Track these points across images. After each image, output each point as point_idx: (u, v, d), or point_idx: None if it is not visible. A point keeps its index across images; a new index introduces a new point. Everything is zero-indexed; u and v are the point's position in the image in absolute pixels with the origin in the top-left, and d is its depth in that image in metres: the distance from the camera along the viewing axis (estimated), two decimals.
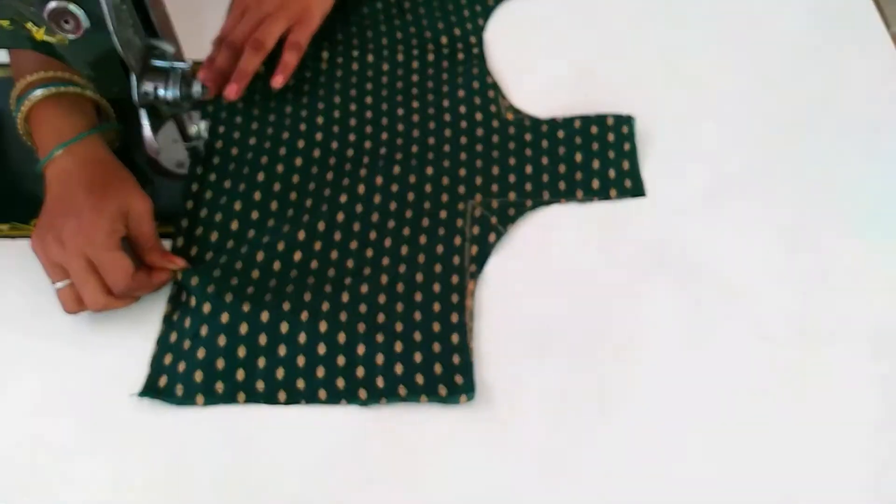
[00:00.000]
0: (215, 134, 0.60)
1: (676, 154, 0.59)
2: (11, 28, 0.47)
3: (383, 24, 0.66)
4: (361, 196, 0.56)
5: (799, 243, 0.55)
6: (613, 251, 0.54)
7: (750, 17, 0.68)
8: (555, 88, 0.63)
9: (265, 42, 0.58)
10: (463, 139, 0.59)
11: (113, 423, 0.48)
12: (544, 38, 0.66)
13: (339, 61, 0.63)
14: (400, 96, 0.61)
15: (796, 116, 0.62)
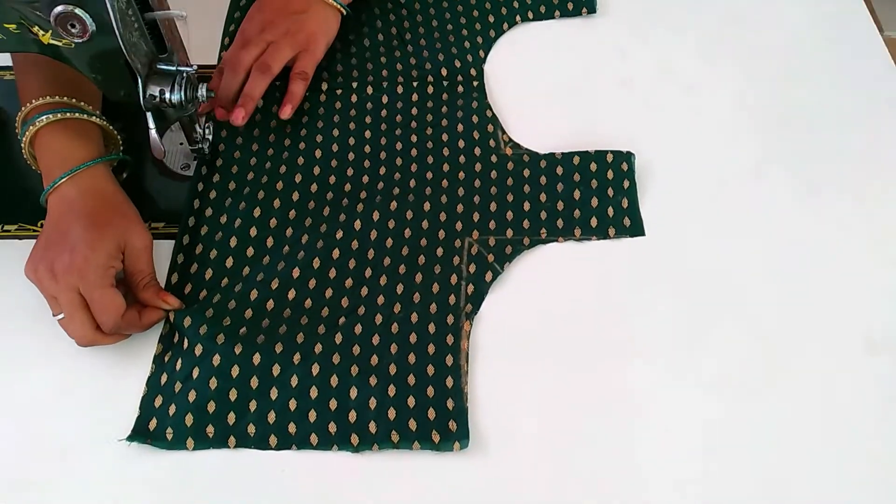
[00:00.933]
0: (219, 136, 0.60)
1: (675, 186, 0.59)
2: (18, 31, 0.47)
3: (383, 55, 0.65)
4: (358, 232, 0.55)
5: (795, 244, 0.56)
6: (611, 291, 0.54)
7: (744, 21, 0.69)
8: (555, 121, 0.62)
9: (272, 66, 0.58)
10: (461, 174, 0.58)
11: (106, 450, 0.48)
12: (545, 70, 0.66)
13: (338, 93, 0.63)
14: (399, 129, 0.61)
15: (790, 120, 0.62)
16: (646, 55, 0.66)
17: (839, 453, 0.48)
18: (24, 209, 0.56)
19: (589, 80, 0.65)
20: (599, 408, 0.49)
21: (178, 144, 0.60)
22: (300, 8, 0.61)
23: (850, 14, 0.69)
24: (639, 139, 0.60)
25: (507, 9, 0.69)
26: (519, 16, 0.69)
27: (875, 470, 0.47)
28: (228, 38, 0.66)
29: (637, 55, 0.66)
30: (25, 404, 0.49)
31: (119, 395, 0.49)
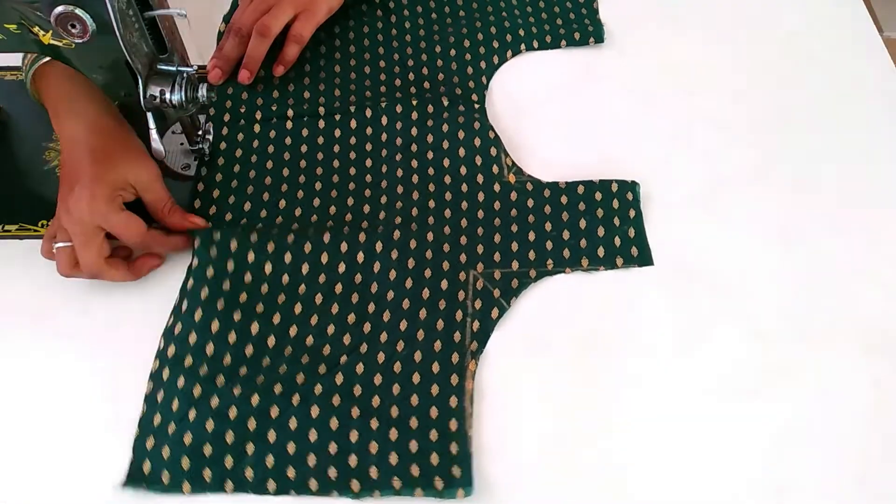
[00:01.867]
0: (219, 135, 0.60)
1: (681, 210, 0.57)
2: (18, 32, 0.48)
3: (383, 78, 0.64)
4: (360, 265, 0.53)
5: (793, 245, 0.55)
6: (623, 323, 0.52)
7: (742, 20, 0.69)
8: (558, 148, 0.61)
9: (271, 27, 0.60)
10: (464, 204, 0.57)
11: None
12: (548, 98, 0.64)
13: (336, 118, 0.61)
14: (399, 154, 0.59)
15: (789, 121, 0.62)
16: (651, 85, 0.64)
17: (833, 449, 0.48)
18: (25, 209, 0.56)
19: (593, 109, 0.63)
20: (613, 455, 0.47)
21: (178, 144, 0.60)
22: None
23: (850, 15, 0.69)
24: (643, 167, 0.59)
25: (512, 36, 0.67)
26: (524, 44, 0.67)
27: (867, 466, 0.47)
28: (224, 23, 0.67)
29: (643, 85, 0.64)
30: (25, 405, 0.49)
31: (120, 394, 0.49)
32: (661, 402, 0.49)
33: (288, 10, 0.61)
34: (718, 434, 0.48)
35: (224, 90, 0.61)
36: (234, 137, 0.60)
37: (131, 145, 0.53)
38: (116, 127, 0.53)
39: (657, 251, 0.55)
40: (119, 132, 0.53)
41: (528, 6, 0.69)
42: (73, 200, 0.49)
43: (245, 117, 0.61)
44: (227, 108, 0.61)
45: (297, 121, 0.61)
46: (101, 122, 0.52)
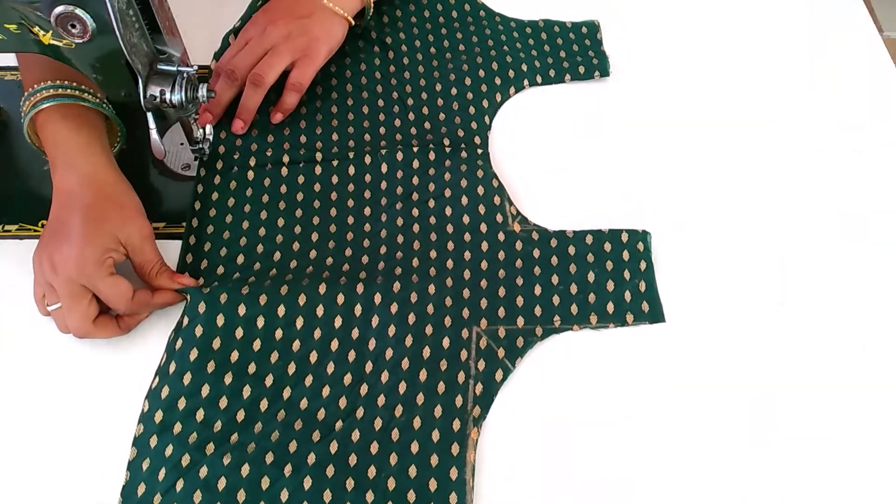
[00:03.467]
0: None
1: (692, 262, 0.55)
2: (18, 32, 0.47)
3: (383, 121, 0.62)
4: (358, 318, 0.51)
5: (797, 259, 0.55)
6: (634, 387, 0.49)
7: (742, 19, 0.69)
8: (565, 192, 0.59)
9: (266, 77, 0.58)
10: (467, 254, 0.54)
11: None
12: (554, 137, 0.62)
13: (334, 164, 0.59)
14: (399, 203, 0.57)
15: (790, 121, 0.62)
16: (660, 119, 0.63)
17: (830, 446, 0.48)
18: (25, 209, 0.56)
19: (601, 149, 0.61)
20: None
21: (178, 145, 0.60)
22: (305, 12, 0.60)
23: (850, 15, 0.69)
24: (654, 214, 0.57)
25: (514, 72, 0.65)
26: (527, 80, 0.64)
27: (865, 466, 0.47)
28: (234, 34, 0.65)
29: (651, 119, 0.63)
30: (23, 405, 0.49)
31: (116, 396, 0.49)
32: (676, 471, 0.47)
33: (285, 58, 0.59)
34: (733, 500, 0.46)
35: (216, 135, 0.60)
36: (226, 185, 0.57)
37: (126, 202, 0.52)
38: (112, 182, 0.52)
39: (669, 307, 0.53)
40: (114, 188, 0.52)
41: (529, 38, 0.67)
42: (61, 260, 0.48)
43: (238, 163, 0.59)
44: (220, 155, 0.59)
45: (293, 167, 0.58)
46: (96, 175, 0.51)
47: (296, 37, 0.59)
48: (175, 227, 0.56)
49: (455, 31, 0.67)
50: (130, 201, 0.52)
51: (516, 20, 0.69)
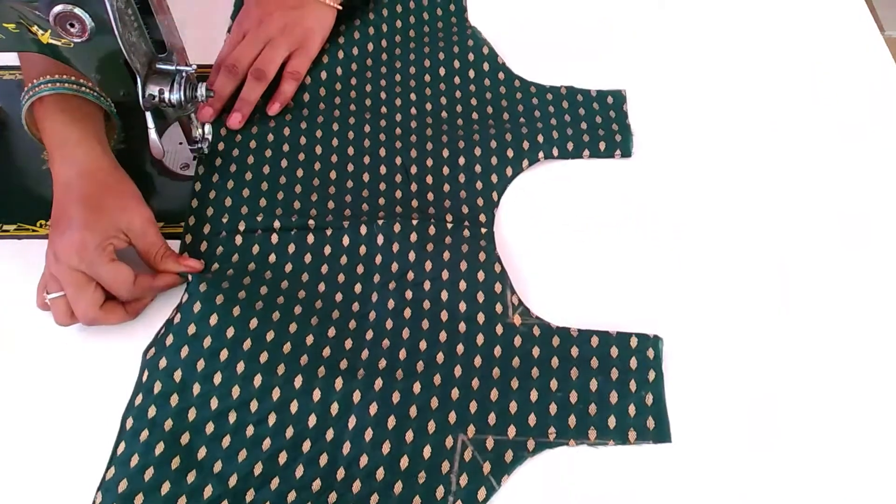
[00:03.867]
0: (219, 136, 0.60)
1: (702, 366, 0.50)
2: (17, 31, 0.47)
3: (383, 191, 0.57)
4: (334, 418, 0.47)
5: (802, 269, 0.54)
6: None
7: (742, 21, 0.69)
8: (575, 282, 0.54)
9: (266, 71, 0.59)
10: (460, 347, 0.50)
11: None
12: (566, 218, 0.57)
13: (327, 233, 0.55)
14: (393, 283, 0.52)
15: (791, 121, 0.62)
16: (684, 208, 0.58)
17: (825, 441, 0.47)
18: (23, 209, 0.56)
19: (616, 238, 0.56)
20: None
21: (177, 144, 0.60)
22: (296, 3, 0.62)
23: (851, 14, 0.69)
24: (667, 316, 0.52)
25: (529, 143, 0.59)
26: (542, 152, 0.59)
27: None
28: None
29: (671, 209, 0.58)
30: (23, 405, 0.49)
31: None
32: None
33: (282, 50, 0.60)
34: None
35: (206, 194, 0.57)
36: (212, 252, 0.54)
37: (125, 190, 0.52)
38: (110, 172, 0.52)
39: (677, 425, 0.48)
40: (112, 177, 0.52)
41: (549, 106, 0.61)
42: (63, 247, 0.48)
43: (227, 228, 0.55)
44: (208, 218, 0.56)
45: (284, 234, 0.55)
46: (94, 166, 0.51)
47: (291, 28, 0.61)
48: (174, 227, 0.56)
49: (469, 96, 0.62)
50: (129, 189, 0.52)
51: (537, 85, 0.63)
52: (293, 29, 0.61)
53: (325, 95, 0.62)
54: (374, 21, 0.66)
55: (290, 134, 0.60)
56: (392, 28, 0.66)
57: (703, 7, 0.70)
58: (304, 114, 0.61)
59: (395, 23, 0.66)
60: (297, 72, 0.61)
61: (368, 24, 0.66)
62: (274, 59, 0.59)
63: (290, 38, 0.60)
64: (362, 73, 0.63)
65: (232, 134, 0.59)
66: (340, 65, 0.63)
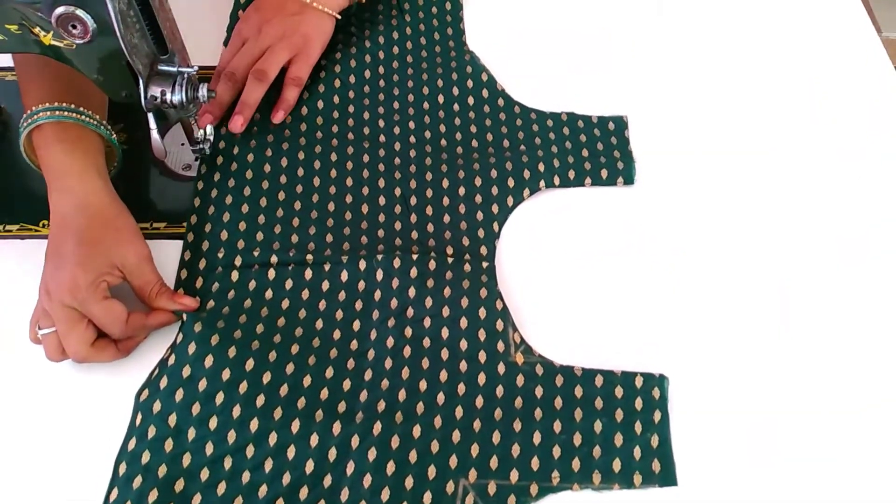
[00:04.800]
0: (219, 135, 0.60)
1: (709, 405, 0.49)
2: (19, 32, 0.47)
3: (382, 223, 0.56)
4: (332, 464, 0.46)
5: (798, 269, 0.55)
6: None
7: (739, 20, 0.69)
8: (579, 317, 0.52)
9: (267, 72, 0.59)
10: (461, 387, 0.49)
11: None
12: (569, 248, 0.56)
13: (325, 268, 0.53)
14: (392, 319, 0.51)
15: (789, 122, 0.62)
16: (685, 229, 0.57)
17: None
18: (26, 209, 0.56)
19: (622, 270, 0.54)
20: None
21: (179, 145, 0.60)
22: (295, 10, 0.62)
23: (848, 15, 0.69)
24: (673, 354, 0.51)
25: (530, 172, 0.58)
26: (543, 181, 0.58)
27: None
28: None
29: (674, 237, 0.56)
30: (23, 405, 0.49)
31: None
32: None
33: (283, 54, 0.60)
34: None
35: (201, 228, 0.55)
36: (208, 288, 0.53)
37: (121, 225, 0.51)
38: (107, 206, 0.51)
39: (682, 466, 0.47)
40: (109, 211, 0.51)
41: (550, 132, 0.61)
42: (55, 285, 0.47)
43: (223, 263, 0.54)
44: (204, 252, 0.54)
45: (281, 269, 0.53)
46: (91, 199, 0.50)
47: (290, 35, 0.61)
48: (176, 228, 0.56)
49: (468, 123, 0.61)
50: (126, 224, 0.51)
51: (537, 111, 0.62)
52: (292, 35, 0.60)
53: (323, 125, 0.61)
54: (370, 48, 0.65)
55: (288, 165, 0.58)
56: (389, 54, 0.65)
57: (701, 19, 0.69)
58: (301, 143, 0.60)
59: (391, 49, 0.65)
60: (298, 77, 0.60)
61: (364, 51, 0.65)
62: (273, 62, 0.59)
63: (290, 45, 0.60)
64: (360, 101, 0.62)
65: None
66: (337, 93, 0.63)
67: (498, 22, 0.69)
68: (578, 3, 0.70)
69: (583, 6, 0.70)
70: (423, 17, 0.68)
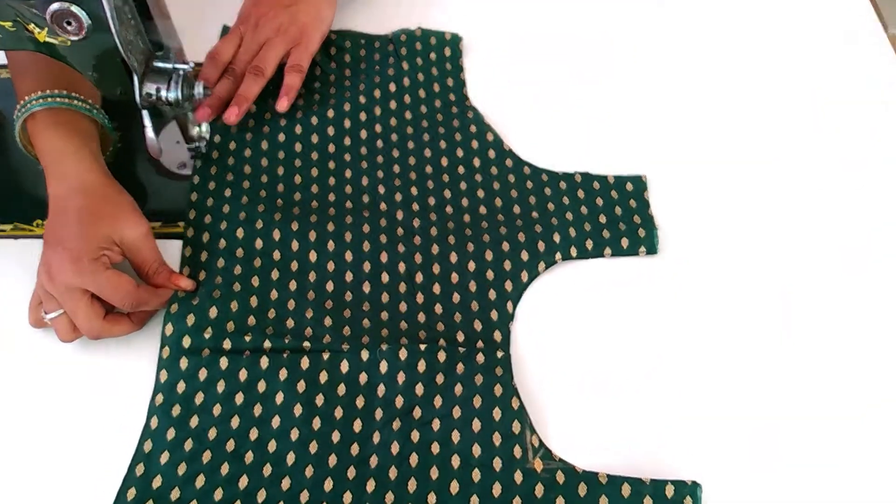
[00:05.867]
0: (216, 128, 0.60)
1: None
2: (14, 29, 0.47)
3: (385, 307, 0.51)
4: None
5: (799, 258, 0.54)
6: None
7: (746, 16, 0.68)
8: (598, 417, 0.48)
9: (265, 69, 0.59)
10: (474, 501, 0.44)
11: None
12: (587, 330, 0.51)
13: (324, 356, 0.49)
14: (397, 421, 0.46)
15: (795, 119, 0.62)
16: (715, 304, 0.53)
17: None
18: (20, 208, 0.56)
19: (649, 356, 0.50)
20: None
21: (174, 143, 0.60)
22: (290, 1, 0.62)
23: (855, 12, 0.69)
24: (701, 458, 0.47)
25: (545, 244, 0.54)
26: (559, 253, 0.53)
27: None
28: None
29: (704, 305, 0.53)
30: (23, 405, 0.49)
31: None
32: None
33: (280, 48, 0.60)
34: None
35: (184, 315, 0.50)
36: (192, 373, 0.48)
37: (119, 202, 0.51)
38: (103, 186, 0.51)
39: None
40: (106, 190, 0.51)
41: (564, 196, 0.56)
42: (57, 264, 0.47)
43: (211, 346, 0.49)
44: (189, 329, 0.50)
45: (275, 357, 0.49)
46: (88, 180, 0.50)
47: (287, 27, 0.61)
48: (172, 227, 0.56)
49: (475, 187, 0.56)
50: (124, 200, 0.51)
51: (549, 172, 0.57)
52: (288, 28, 0.61)
53: (318, 192, 0.56)
54: (365, 105, 0.61)
55: (281, 239, 0.53)
56: (386, 109, 0.60)
57: (702, 28, 0.68)
58: (295, 213, 0.54)
59: (389, 103, 0.60)
60: (298, 64, 0.60)
61: (360, 108, 0.60)
62: (271, 57, 0.60)
63: (286, 38, 0.60)
64: (357, 164, 0.57)
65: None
66: (333, 158, 0.58)
67: (498, 69, 0.64)
68: (578, 44, 0.66)
69: (582, 43, 0.66)
70: (422, 64, 0.63)
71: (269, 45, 0.60)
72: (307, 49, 0.61)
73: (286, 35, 0.60)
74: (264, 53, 0.60)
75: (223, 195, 0.56)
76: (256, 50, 0.60)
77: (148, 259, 0.50)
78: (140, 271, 0.51)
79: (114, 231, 0.49)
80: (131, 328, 0.50)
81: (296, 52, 0.61)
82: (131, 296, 0.48)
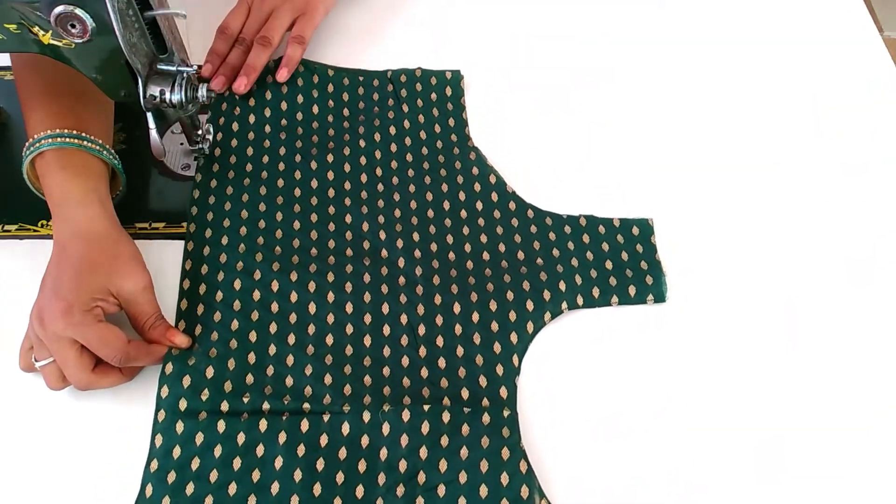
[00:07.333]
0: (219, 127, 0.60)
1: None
2: (18, 32, 0.47)
3: (387, 362, 0.50)
4: None
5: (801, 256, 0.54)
6: None
7: (741, 19, 0.69)
8: (611, 480, 0.47)
9: (272, 38, 0.61)
10: None
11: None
12: (595, 385, 0.50)
13: (325, 418, 0.47)
14: (401, 487, 0.45)
15: (791, 121, 0.62)
16: (729, 353, 0.51)
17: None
18: (25, 209, 0.56)
19: (661, 415, 0.48)
20: None
21: (178, 145, 0.60)
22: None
23: (850, 15, 0.69)
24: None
25: (551, 293, 0.52)
26: (566, 302, 0.52)
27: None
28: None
29: (719, 354, 0.51)
30: (23, 405, 0.49)
31: None
32: None
33: (286, 18, 0.62)
34: None
35: (180, 376, 0.48)
36: (187, 439, 0.46)
37: (120, 253, 0.49)
38: (107, 233, 0.50)
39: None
40: (109, 238, 0.50)
41: (569, 242, 0.55)
42: (48, 311, 0.46)
43: (207, 409, 0.47)
44: (185, 391, 0.48)
45: (274, 419, 0.47)
46: (90, 228, 0.49)
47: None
48: (175, 227, 0.56)
49: (478, 232, 0.55)
50: (125, 251, 0.50)
51: (553, 215, 0.56)
52: None
53: (318, 240, 0.54)
54: (365, 149, 0.59)
55: (279, 290, 0.52)
56: (386, 154, 0.59)
57: (703, 34, 0.68)
58: (294, 262, 0.53)
59: (389, 147, 0.59)
60: (300, 36, 0.62)
61: (360, 152, 0.59)
62: (277, 27, 0.62)
63: (292, 7, 0.63)
64: (357, 210, 0.56)
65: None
66: (332, 203, 0.56)
67: (500, 104, 0.63)
68: (580, 77, 0.65)
69: (583, 77, 0.65)
70: (423, 105, 0.61)
71: (276, 15, 0.62)
72: (311, 20, 0.63)
73: (293, 4, 0.63)
74: (271, 23, 0.62)
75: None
76: (264, 19, 0.62)
77: (146, 312, 0.49)
78: (136, 324, 0.49)
79: (111, 282, 0.48)
80: (121, 380, 0.48)
81: (300, 23, 0.63)
82: (120, 351, 0.46)
